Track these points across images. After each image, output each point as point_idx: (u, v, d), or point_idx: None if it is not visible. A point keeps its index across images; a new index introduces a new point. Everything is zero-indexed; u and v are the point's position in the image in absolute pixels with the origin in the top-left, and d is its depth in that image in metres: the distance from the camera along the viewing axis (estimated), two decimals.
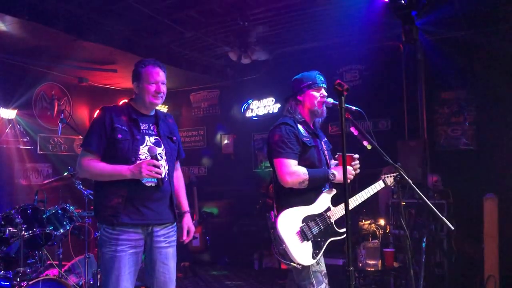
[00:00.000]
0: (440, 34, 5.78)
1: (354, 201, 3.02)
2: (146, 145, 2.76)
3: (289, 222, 2.80)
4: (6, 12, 4.88)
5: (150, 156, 2.69)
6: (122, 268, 2.67)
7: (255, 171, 7.83)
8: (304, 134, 2.95)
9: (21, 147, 6.73)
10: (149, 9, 5.40)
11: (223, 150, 8.27)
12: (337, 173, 2.91)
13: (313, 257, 2.80)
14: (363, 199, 3.05)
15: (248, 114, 7.95)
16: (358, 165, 2.98)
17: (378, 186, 3.10)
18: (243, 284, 6.12)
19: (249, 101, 7.95)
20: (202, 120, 8.58)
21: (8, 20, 5.08)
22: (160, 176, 2.66)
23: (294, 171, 2.83)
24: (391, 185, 3.06)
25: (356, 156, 2.99)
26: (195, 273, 6.60)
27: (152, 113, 2.93)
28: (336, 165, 3.07)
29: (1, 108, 6.24)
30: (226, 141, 8.24)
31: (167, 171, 2.83)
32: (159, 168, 2.64)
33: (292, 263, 2.77)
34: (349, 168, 2.88)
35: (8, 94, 6.42)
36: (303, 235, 2.79)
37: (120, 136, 2.72)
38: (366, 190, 3.06)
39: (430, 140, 5.93)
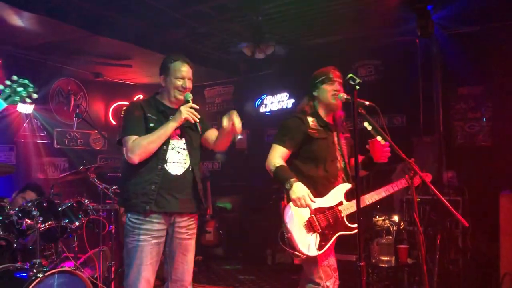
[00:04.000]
0: (457, 28, 5.68)
1: (371, 198, 3.01)
2: (172, 136, 2.87)
3: (297, 213, 2.81)
4: (23, 8, 4.96)
5: (185, 101, 2.87)
6: (144, 258, 2.74)
7: None
8: (311, 126, 2.97)
9: (38, 141, 6.83)
10: (163, 5, 5.43)
11: (237, 145, 8.27)
12: (294, 188, 2.76)
13: (319, 249, 2.80)
14: (381, 197, 3.04)
15: (262, 109, 7.94)
16: (388, 150, 2.92)
17: (400, 184, 3.06)
18: (256, 279, 6.14)
19: (263, 96, 7.95)
20: (216, 115, 8.57)
21: (25, 16, 5.16)
22: (197, 119, 2.80)
23: (271, 158, 2.93)
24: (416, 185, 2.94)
25: (382, 141, 2.91)
26: (208, 267, 6.64)
27: (177, 106, 2.97)
28: (368, 156, 3.04)
29: (19, 103, 6.32)
30: (239, 137, 8.25)
31: (190, 163, 2.92)
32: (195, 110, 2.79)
33: (296, 253, 2.77)
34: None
35: None
36: (309, 227, 2.81)
37: (152, 124, 2.83)
38: (386, 188, 3.05)
39: (446, 136, 5.85)
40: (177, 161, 2.88)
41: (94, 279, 4.31)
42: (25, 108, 6.44)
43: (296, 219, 2.80)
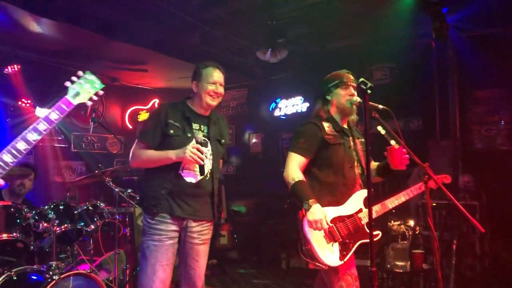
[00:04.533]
0: (473, 31, 5.59)
1: (392, 203, 3.00)
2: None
3: None
4: (42, 15, 5.05)
5: (195, 141, 2.82)
6: (159, 257, 2.80)
7: (283, 170, 7.78)
8: (328, 132, 2.94)
9: (55, 145, 6.95)
10: (178, 10, 5.48)
11: (251, 149, 8.30)
12: (313, 210, 2.71)
13: (340, 259, 2.77)
14: (401, 201, 3.03)
15: (276, 113, 7.94)
16: (407, 158, 2.88)
17: (419, 188, 3.02)
18: (270, 283, 6.12)
19: (278, 100, 7.94)
20: (231, 119, 8.60)
21: (43, 22, 5.26)
22: (201, 162, 2.74)
23: (289, 169, 2.89)
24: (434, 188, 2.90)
25: (396, 146, 2.89)
26: (222, 271, 6.65)
27: (207, 113, 3.04)
28: (385, 162, 3.02)
29: (37, 107, 6.45)
30: (254, 140, 8.27)
31: (210, 170, 2.94)
32: (202, 154, 2.74)
33: (317, 264, 2.74)
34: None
35: (44, 93, 6.63)
36: (330, 236, 2.76)
37: (172, 131, 2.86)
38: (405, 192, 3.03)
39: (463, 140, 5.77)
40: (195, 169, 2.88)
41: (110, 282, 4.35)
42: (43, 113, 6.54)
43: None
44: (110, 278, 4.44)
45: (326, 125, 2.97)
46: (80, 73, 2.22)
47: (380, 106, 2.73)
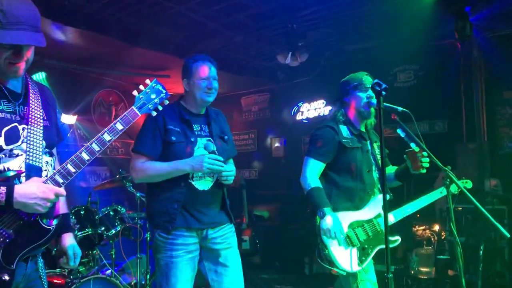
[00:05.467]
0: (498, 30, 5.43)
1: (412, 208, 2.94)
2: (199, 147, 2.67)
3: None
4: (66, 23, 5.15)
5: (208, 152, 2.62)
6: (179, 274, 2.57)
7: None
8: (345, 136, 2.88)
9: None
10: (199, 15, 5.50)
11: (274, 153, 8.26)
12: (327, 219, 2.70)
13: (359, 264, 2.72)
14: (422, 206, 2.98)
15: (299, 117, 7.89)
16: (427, 160, 2.80)
17: (439, 193, 2.96)
18: None
19: (300, 104, 7.89)
20: (253, 123, 8.61)
21: (67, 30, 5.36)
22: (222, 169, 2.56)
23: (307, 175, 2.85)
24: (456, 193, 2.82)
25: (415, 148, 2.81)
26: (245, 276, 6.60)
27: (203, 112, 2.83)
28: (404, 165, 2.95)
29: (62, 114, 6.58)
30: (276, 145, 8.23)
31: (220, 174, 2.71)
32: (220, 162, 2.55)
33: (335, 269, 2.70)
34: None
35: (69, 100, 6.76)
36: (348, 241, 2.72)
37: (174, 138, 2.62)
38: (426, 196, 2.98)
39: (491, 142, 5.60)
40: (205, 175, 2.66)
41: (131, 287, 4.38)
42: (69, 119, 6.68)
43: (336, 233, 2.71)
44: (132, 282, 4.47)
45: (343, 128, 2.92)
46: (147, 81, 2.15)
47: (400, 109, 2.67)
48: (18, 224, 1.77)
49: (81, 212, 3.88)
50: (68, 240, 2.17)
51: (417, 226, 4.93)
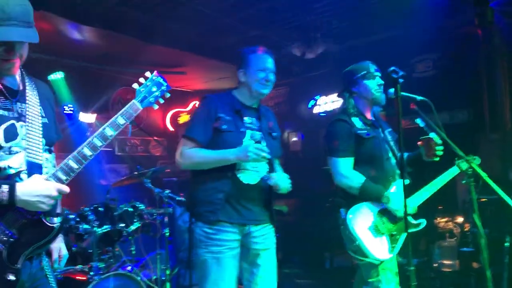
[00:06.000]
0: None
1: (428, 191, 2.90)
2: (247, 139, 2.61)
3: (361, 218, 2.72)
4: (83, 22, 5.20)
5: (254, 142, 2.57)
6: (222, 271, 2.48)
7: (324, 168, 7.66)
8: (359, 127, 2.83)
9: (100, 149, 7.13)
10: (213, 11, 5.50)
11: (291, 147, 8.21)
12: (392, 199, 2.72)
13: (390, 252, 2.70)
14: (437, 188, 2.92)
15: (316, 110, 7.80)
16: (441, 148, 2.77)
17: (452, 172, 2.92)
18: (314, 283, 6.03)
19: (317, 97, 7.80)
20: None
21: (83, 29, 5.41)
22: (267, 157, 2.46)
23: (346, 175, 2.75)
24: (467, 170, 2.80)
25: (436, 139, 2.77)
26: None
27: (256, 105, 2.77)
28: (417, 152, 2.93)
29: (81, 112, 6.65)
30: (294, 139, 8.17)
31: (265, 171, 2.67)
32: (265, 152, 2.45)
33: (366, 259, 2.67)
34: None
35: (87, 99, 6.84)
36: (377, 230, 2.70)
37: (225, 126, 2.57)
38: (439, 178, 2.93)
39: None
40: (252, 168, 2.59)
41: (152, 282, 4.40)
42: (88, 118, 6.75)
43: (362, 225, 2.71)
44: (153, 278, 4.49)
45: (355, 120, 2.88)
46: (147, 74, 2.10)
47: (419, 98, 2.61)
48: (21, 223, 1.74)
49: (100, 209, 3.92)
50: (55, 240, 2.08)
51: (439, 218, 4.83)
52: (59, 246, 2.12)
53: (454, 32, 5.92)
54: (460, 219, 4.96)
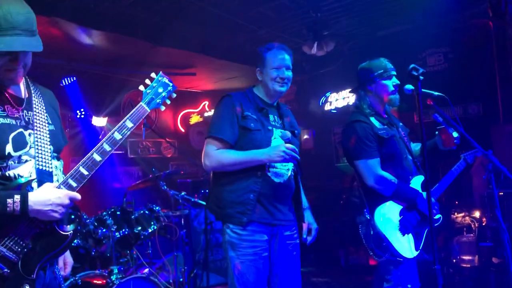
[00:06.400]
0: None
1: (440, 188, 2.93)
2: (275, 138, 2.56)
3: (387, 218, 2.70)
4: (90, 26, 5.22)
5: (284, 141, 2.50)
6: (256, 273, 2.42)
7: (337, 165, 7.66)
8: (379, 127, 2.80)
9: (113, 152, 7.16)
10: (222, 10, 5.49)
11: (303, 145, 8.17)
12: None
13: (416, 249, 2.70)
14: (448, 184, 2.95)
15: (327, 107, 7.77)
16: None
17: (461, 166, 3.00)
18: (330, 281, 6.01)
19: (327, 94, 7.77)
20: None
21: (92, 32, 5.42)
22: (298, 158, 2.44)
23: (380, 176, 2.68)
24: (472, 163, 2.98)
25: (454, 133, 2.84)
26: None
27: (275, 103, 2.74)
28: (432, 142, 2.97)
29: (93, 116, 6.68)
30: (305, 136, 8.14)
31: (293, 168, 2.64)
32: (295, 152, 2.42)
33: (397, 258, 2.66)
34: None
35: (99, 103, 6.86)
36: (403, 228, 2.69)
37: (253, 125, 2.50)
38: (449, 174, 2.97)
39: None
40: (281, 166, 2.54)
41: (169, 284, 4.42)
42: (99, 121, 6.78)
43: (389, 223, 2.69)
44: (170, 280, 4.52)
45: (373, 120, 2.84)
46: (153, 75, 2.07)
47: (435, 93, 2.58)
48: (35, 233, 1.72)
49: (118, 212, 3.93)
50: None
51: (456, 213, 4.79)
52: (64, 254, 2.06)
53: (464, 24, 5.87)
54: (477, 214, 4.92)
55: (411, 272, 2.74)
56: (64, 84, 6.26)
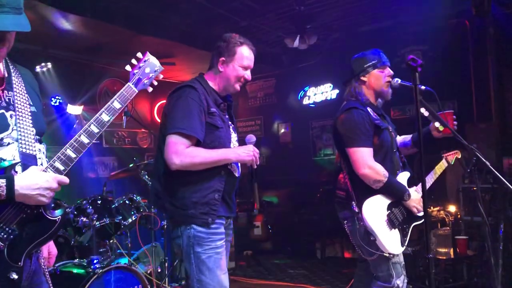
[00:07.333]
0: None
1: (429, 182, 3.03)
2: (231, 134, 2.51)
3: (375, 212, 2.67)
4: (70, 11, 5.07)
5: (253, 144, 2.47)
6: (222, 264, 2.35)
7: (314, 159, 7.73)
8: (374, 117, 2.77)
9: None
10: (205, 0, 5.42)
11: (281, 139, 8.22)
12: (413, 196, 2.74)
13: (402, 245, 2.71)
14: (431, 182, 3.05)
15: (305, 101, 7.83)
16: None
17: (443, 166, 3.11)
18: (306, 273, 6.06)
19: (306, 88, 7.83)
20: (259, 109, 8.55)
21: (72, 18, 5.28)
22: (258, 163, 2.42)
23: (374, 167, 2.63)
24: (451, 163, 3.12)
25: (441, 128, 2.90)
26: (257, 261, 6.62)
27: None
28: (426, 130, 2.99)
29: (68, 104, 6.51)
30: (283, 130, 8.18)
31: None
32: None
33: (379, 254, 2.65)
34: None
35: (74, 91, 6.69)
36: (391, 223, 2.68)
37: (219, 123, 2.39)
38: (432, 173, 3.06)
39: (502, 121, 5.54)
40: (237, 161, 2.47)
41: (148, 275, 4.37)
42: (75, 110, 6.61)
43: (378, 219, 2.66)
44: (148, 271, 4.46)
45: (369, 110, 2.79)
46: (139, 55, 1.96)
47: (423, 87, 2.61)
48: (21, 218, 1.62)
49: (98, 201, 3.85)
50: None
51: (431, 207, 4.90)
52: (48, 244, 1.94)
53: (443, 24, 5.98)
54: (451, 208, 5.05)
55: (400, 269, 2.74)
56: (40, 70, 6.08)
